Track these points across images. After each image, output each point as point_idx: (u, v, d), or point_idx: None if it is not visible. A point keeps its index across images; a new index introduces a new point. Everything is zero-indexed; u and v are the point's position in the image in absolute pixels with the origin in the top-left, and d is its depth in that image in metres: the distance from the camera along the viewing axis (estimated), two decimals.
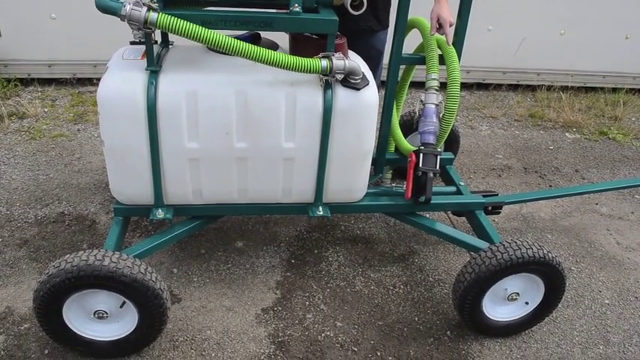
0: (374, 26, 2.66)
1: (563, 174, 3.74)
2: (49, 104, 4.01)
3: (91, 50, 4.06)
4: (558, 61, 4.81)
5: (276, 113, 2.04)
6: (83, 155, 3.42)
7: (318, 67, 1.96)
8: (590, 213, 3.33)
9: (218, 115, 2.02)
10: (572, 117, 4.47)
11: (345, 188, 2.30)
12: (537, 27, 4.56)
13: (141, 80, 1.97)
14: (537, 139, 4.17)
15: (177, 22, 1.82)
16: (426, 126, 2.35)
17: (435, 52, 2.39)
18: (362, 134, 2.16)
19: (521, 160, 3.85)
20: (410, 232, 2.95)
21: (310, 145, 2.11)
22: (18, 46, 4.07)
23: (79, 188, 3.11)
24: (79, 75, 4.28)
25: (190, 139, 2.05)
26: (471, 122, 4.34)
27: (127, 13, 1.81)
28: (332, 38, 2.01)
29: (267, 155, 2.13)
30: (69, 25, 3.99)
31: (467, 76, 4.67)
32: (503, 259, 2.13)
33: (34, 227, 2.79)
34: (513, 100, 4.76)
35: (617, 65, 4.94)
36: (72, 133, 3.67)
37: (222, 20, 1.93)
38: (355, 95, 2.06)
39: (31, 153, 3.42)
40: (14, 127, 3.69)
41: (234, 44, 1.87)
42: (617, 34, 4.78)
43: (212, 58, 2.10)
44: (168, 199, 2.20)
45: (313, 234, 2.89)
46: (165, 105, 1.98)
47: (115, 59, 2.12)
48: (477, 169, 3.68)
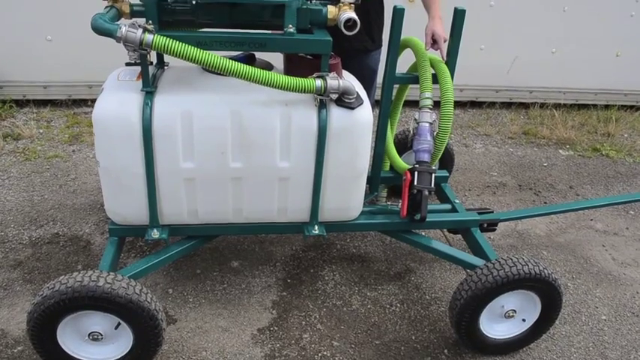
0: (368, 46, 2.69)
1: (557, 190, 3.76)
2: (44, 125, 4.02)
3: (87, 71, 4.08)
4: (550, 79, 4.87)
5: (271, 133, 2.05)
6: (78, 176, 3.42)
7: (312, 86, 1.98)
8: (586, 229, 3.34)
9: (213, 135, 2.03)
10: (566, 134, 4.50)
11: (340, 207, 2.30)
12: (528, 46, 4.62)
13: (136, 101, 1.98)
14: (531, 157, 4.20)
15: (173, 44, 1.84)
16: (421, 144, 2.36)
17: (428, 71, 2.42)
18: (357, 153, 2.17)
19: (516, 178, 3.87)
20: (406, 250, 2.95)
21: (305, 164, 2.12)
22: (14, 68, 4.09)
23: (74, 209, 3.10)
24: (75, 96, 4.29)
25: (186, 159, 2.05)
26: (465, 140, 4.37)
27: (122, 34, 1.82)
28: (326, 58, 2.03)
29: (263, 175, 2.13)
30: (65, 47, 4.01)
31: (460, 95, 4.72)
32: (499, 276, 2.13)
33: (29, 248, 2.77)
34: (507, 118, 4.80)
35: (608, 82, 5.00)
36: (67, 153, 3.67)
37: (216, 41, 1.95)
38: (350, 114, 2.08)
39: (26, 174, 3.41)
40: (9, 149, 3.68)
41: (229, 65, 1.88)
42: (607, 52, 4.85)
43: (207, 79, 2.11)
44: (163, 219, 2.19)
45: (309, 253, 2.89)
46: (161, 125, 1.98)
47: (110, 80, 2.13)
48: (471, 186, 3.70)
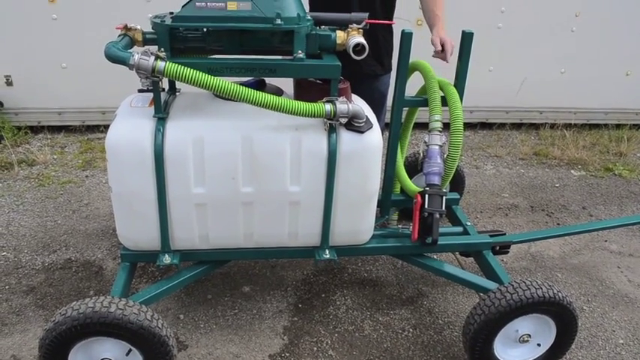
0: (377, 70, 2.71)
1: (570, 212, 3.73)
2: (58, 151, 4.08)
3: (100, 98, 4.15)
4: (560, 99, 4.86)
5: (281, 157, 2.06)
6: (91, 201, 3.45)
7: (322, 111, 1.99)
8: (600, 250, 3.30)
9: (224, 161, 2.04)
10: (577, 154, 4.48)
11: (351, 231, 2.30)
12: (537, 67, 4.63)
13: (148, 127, 2.01)
14: (543, 177, 4.18)
15: (184, 71, 1.87)
16: (431, 167, 2.36)
17: (437, 93, 2.43)
18: (367, 176, 2.17)
19: (528, 199, 3.85)
20: (418, 274, 2.93)
21: (316, 188, 2.13)
22: (29, 95, 4.17)
23: (87, 234, 3.12)
24: (88, 122, 4.36)
25: (197, 184, 2.07)
26: (476, 162, 4.36)
27: (135, 62, 1.86)
28: (335, 83, 2.05)
29: (273, 199, 2.14)
30: (79, 74, 4.09)
31: (470, 116, 4.72)
32: (512, 300, 2.10)
33: (41, 274, 2.79)
34: (517, 139, 4.79)
35: (619, 102, 4.99)
36: (80, 179, 3.71)
37: (227, 68, 1.98)
38: (359, 138, 2.09)
39: (39, 199, 3.45)
40: (24, 174, 3.73)
41: (240, 91, 1.91)
42: (617, 71, 4.84)
43: (218, 105, 2.14)
44: (174, 245, 2.20)
45: (320, 277, 2.87)
46: (172, 151, 2.01)
47: (123, 107, 2.16)
48: (483, 208, 3.67)
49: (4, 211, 3.30)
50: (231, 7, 1.93)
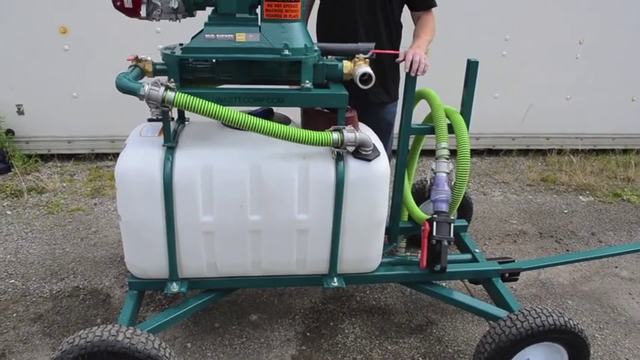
0: (383, 99, 2.74)
1: (579, 238, 3.70)
2: (67, 179, 4.11)
3: (109, 126, 4.21)
4: (567, 125, 4.88)
5: (289, 186, 2.07)
6: (99, 229, 3.47)
7: (329, 140, 2.01)
8: (611, 277, 3.26)
9: (232, 189, 2.06)
10: (585, 180, 4.47)
11: (359, 258, 2.29)
12: (543, 93, 4.66)
13: (157, 156, 2.03)
14: (551, 204, 4.16)
15: (193, 101, 1.90)
16: (438, 194, 2.36)
17: (443, 121, 2.45)
18: (374, 204, 2.18)
19: (536, 225, 3.83)
20: (427, 302, 2.90)
21: (323, 216, 2.13)
22: (40, 124, 4.23)
23: (95, 262, 3.13)
24: (97, 150, 4.41)
25: (205, 212, 2.08)
26: (484, 188, 4.36)
27: (145, 93, 1.89)
28: (342, 112, 2.07)
29: (281, 227, 2.14)
30: (89, 103, 4.15)
31: (477, 143, 4.74)
32: (523, 328, 2.08)
33: (49, 302, 2.78)
34: (524, 165, 4.79)
35: (625, 127, 5.00)
36: (89, 207, 3.74)
37: (236, 97, 2.02)
38: (367, 166, 2.10)
39: (48, 227, 3.47)
40: (33, 202, 3.76)
41: (248, 120, 1.93)
42: (622, 97, 4.87)
43: (227, 134, 2.16)
44: (182, 273, 2.20)
45: (328, 305, 2.86)
46: (181, 180, 2.02)
47: (133, 136, 2.19)
48: (491, 235, 3.66)
49: (13, 239, 3.32)
50: (240, 38, 1.97)
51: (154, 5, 1.96)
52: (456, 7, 4.02)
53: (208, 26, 1.98)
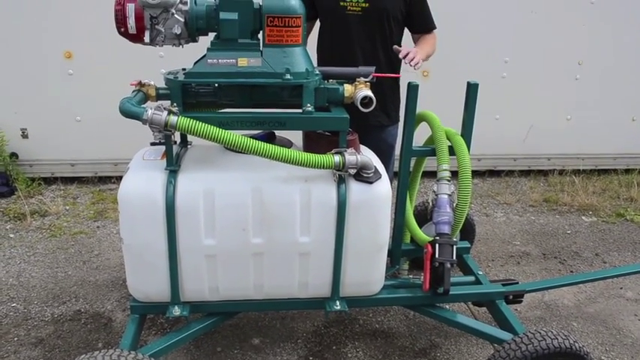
0: (384, 122, 2.76)
1: (583, 258, 3.68)
2: (70, 202, 4.12)
3: (112, 150, 4.23)
4: (568, 146, 4.89)
5: (291, 208, 2.08)
6: (102, 252, 3.46)
7: (331, 162, 2.02)
8: (616, 298, 3.24)
9: (234, 212, 2.06)
10: (587, 200, 4.46)
11: (361, 281, 2.28)
12: (543, 114, 4.69)
13: (160, 180, 2.04)
14: (554, 224, 4.15)
15: (196, 125, 1.91)
16: (440, 216, 2.36)
17: (444, 143, 2.46)
18: (377, 227, 2.18)
19: (540, 246, 3.81)
20: (430, 325, 2.88)
21: (325, 239, 2.13)
22: (43, 147, 4.26)
23: (97, 285, 3.12)
24: (100, 173, 4.43)
25: (207, 236, 2.08)
26: (486, 209, 4.35)
27: (148, 117, 1.91)
28: (344, 135, 2.09)
29: (283, 250, 2.14)
30: (92, 127, 4.19)
31: (478, 164, 4.75)
32: (528, 351, 2.06)
33: (50, 326, 2.77)
34: (526, 186, 4.79)
35: (626, 147, 5.01)
36: (91, 230, 3.74)
37: (238, 121, 2.03)
38: (368, 189, 2.11)
39: (51, 250, 3.47)
40: (36, 225, 3.77)
41: (250, 143, 1.94)
42: (623, 117, 4.90)
43: (229, 157, 2.18)
44: (184, 296, 2.19)
45: (331, 329, 2.83)
46: (184, 203, 2.03)
47: (136, 160, 2.21)
48: (494, 257, 3.64)
49: (15, 262, 3.32)
50: (242, 63, 2.00)
51: (157, 31, 1.99)
52: (456, 29, 4.06)
53: (211, 51, 2.01)
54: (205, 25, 2.02)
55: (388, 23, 2.63)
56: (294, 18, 1.98)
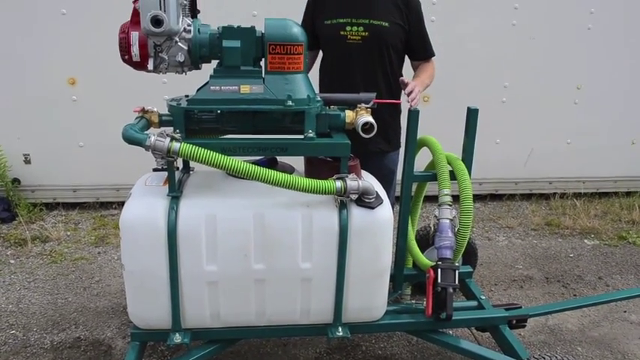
0: (385, 148, 2.78)
1: (586, 282, 3.66)
2: (71, 228, 4.12)
3: (115, 175, 4.24)
4: (568, 169, 4.91)
5: (293, 234, 2.08)
6: (102, 278, 3.45)
7: (332, 188, 2.03)
8: (620, 321, 3.21)
9: (236, 238, 2.06)
10: (589, 223, 4.46)
11: (364, 307, 2.27)
12: (543, 138, 4.71)
13: (162, 206, 2.05)
14: (556, 248, 4.14)
15: (198, 151, 1.93)
16: (442, 241, 2.36)
17: (445, 168, 2.47)
18: (378, 252, 2.17)
19: (542, 270, 3.79)
20: (434, 351, 2.85)
21: (327, 264, 2.13)
22: (46, 173, 4.28)
23: (97, 312, 3.10)
24: (102, 199, 4.43)
25: (209, 262, 2.07)
26: (488, 233, 4.34)
27: (151, 143, 1.92)
28: (345, 161, 2.10)
29: (285, 276, 2.13)
30: (95, 153, 4.20)
31: (479, 188, 4.75)
32: None
33: (50, 353, 2.74)
34: (528, 210, 4.78)
35: (627, 170, 5.03)
36: (92, 255, 3.73)
37: (240, 147, 2.05)
38: (370, 214, 2.11)
39: (51, 276, 3.45)
40: (37, 251, 3.76)
41: (252, 169, 1.95)
42: (622, 140, 4.92)
43: (231, 183, 2.19)
44: (185, 323, 2.18)
45: (334, 356, 2.80)
46: (186, 229, 2.03)
47: (138, 186, 2.22)
48: (497, 281, 3.62)
49: (15, 289, 3.30)
50: (245, 90, 2.02)
51: (161, 59, 2.02)
52: (456, 55, 4.12)
53: (214, 78, 2.03)
54: (208, 53, 2.05)
55: (388, 51, 2.67)
56: (295, 45, 2.01)
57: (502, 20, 4.38)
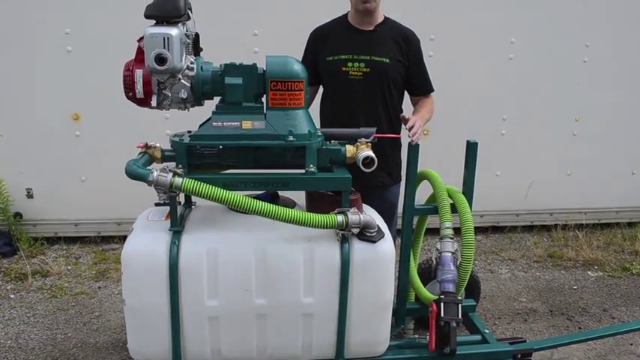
0: (386, 182, 2.80)
1: (591, 314, 3.62)
2: (72, 262, 4.11)
3: (116, 209, 4.24)
4: (569, 200, 4.90)
5: (294, 269, 2.08)
6: (103, 313, 3.42)
7: (334, 222, 2.04)
8: (627, 355, 3.16)
9: (238, 273, 2.06)
10: (592, 254, 4.43)
11: (366, 342, 2.25)
12: (543, 170, 4.73)
13: (164, 240, 2.06)
14: (560, 280, 4.11)
15: (200, 186, 1.94)
16: (445, 274, 2.36)
17: (446, 201, 2.48)
18: (380, 286, 2.17)
19: (546, 303, 3.76)
20: None
21: (329, 299, 2.12)
22: (48, 207, 4.28)
23: (97, 347, 3.06)
24: (104, 233, 4.42)
25: (210, 297, 2.07)
26: (490, 266, 4.32)
27: (154, 179, 1.95)
28: (346, 195, 2.11)
29: (287, 311, 2.12)
30: (97, 187, 4.21)
31: (481, 220, 4.74)
32: None
33: None
34: (530, 241, 4.77)
35: (628, 200, 5.03)
36: (93, 290, 3.71)
37: (242, 182, 2.07)
38: (372, 248, 2.11)
39: (51, 311, 3.43)
40: (37, 285, 3.74)
41: (253, 204, 1.97)
42: (622, 171, 4.94)
43: (233, 217, 2.20)
44: (186, 358, 2.16)
45: None
46: (187, 264, 2.03)
47: (140, 220, 2.23)
48: (501, 314, 3.59)
49: (15, 324, 3.28)
50: (246, 125, 2.05)
51: (164, 96, 2.05)
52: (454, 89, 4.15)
53: (216, 114, 2.07)
54: (211, 90, 2.09)
55: (388, 87, 2.71)
56: (296, 82, 2.05)
57: (499, 54, 4.45)
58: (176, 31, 1.95)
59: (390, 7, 2.85)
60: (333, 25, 2.81)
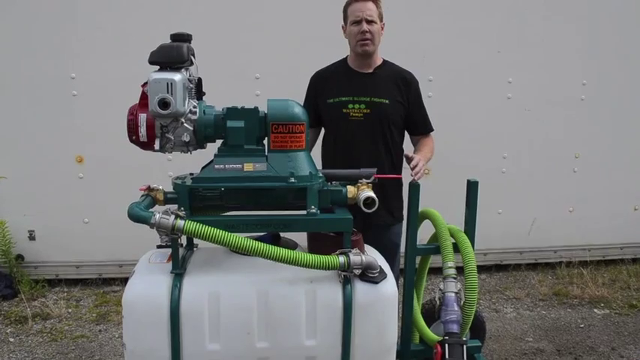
0: (388, 221, 2.80)
1: (599, 353, 3.56)
2: (73, 304, 4.08)
3: (118, 251, 4.24)
4: (573, 237, 4.89)
5: (296, 311, 2.05)
6: (103, 357, 3.37)
7: (336, 263, 2.03)
8: None
9: (239, 315, 2.04)
10: (598, 292, 4.39)
11: None
12: (545, 207, 4.73)
13: (165, 283, 2.04)
14: (566, 318, 4.05)
15: (202, 229, 1.94)
16: (448, 315, 2.33)
17: (448, 240, 2.47)
18: (384, 327, 2.14)
19: (553, 342, 3.70)
20: None
21: (332, 341, 2.08)
22: (49, 249, 4.28)
23: None
24: (105, 275, 4.41)
25: (212, 340, 2.04)
26: (495, 305, 4.27)
27: (156, 221, 1.95)
28: (348, 235, 2.11)
29: (289, 354, 2.08)
30: (99, 229, 4.22)
31: (484, 259, 4.72)
32: None
33: None
34: (534, 280, 4.73)
35: (631, 236, 5.01)
36: (93, 333, 3.67)
37: (244, 224, 2.06)
38: (374, 289, 2.09)
39: (50, 355, 3.38)
40: (37, 328, 3.70)
41: (255, 246, 1.96)
42: (624, 207, 4.94)
43: (234, 260, 2.18)
44: None
45: None
46: (188, 307, 2.01)
47: (141, 263, 2.21)
48: (507, 355, 3.52)
49: None
50: (248, 168, 2.07)
51: (167, 139, 2.08)
52: (454, 129, 4.20)
53: (218, 157, 2.09)
54: (213, 133, 2.11)
55: (388, 127, 2.75)
56: (297, 125, 2.08)
57: (497, 94, 4.52)
58: (179, 76, 1.99)
59: (389, 49, 2.92)
60: (334, 68, 2.87)
